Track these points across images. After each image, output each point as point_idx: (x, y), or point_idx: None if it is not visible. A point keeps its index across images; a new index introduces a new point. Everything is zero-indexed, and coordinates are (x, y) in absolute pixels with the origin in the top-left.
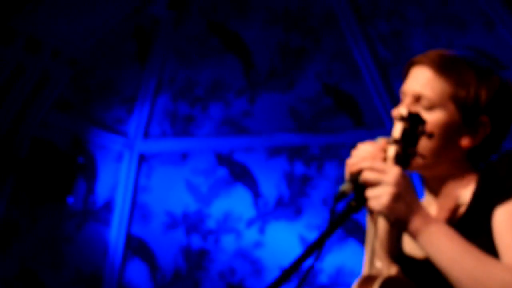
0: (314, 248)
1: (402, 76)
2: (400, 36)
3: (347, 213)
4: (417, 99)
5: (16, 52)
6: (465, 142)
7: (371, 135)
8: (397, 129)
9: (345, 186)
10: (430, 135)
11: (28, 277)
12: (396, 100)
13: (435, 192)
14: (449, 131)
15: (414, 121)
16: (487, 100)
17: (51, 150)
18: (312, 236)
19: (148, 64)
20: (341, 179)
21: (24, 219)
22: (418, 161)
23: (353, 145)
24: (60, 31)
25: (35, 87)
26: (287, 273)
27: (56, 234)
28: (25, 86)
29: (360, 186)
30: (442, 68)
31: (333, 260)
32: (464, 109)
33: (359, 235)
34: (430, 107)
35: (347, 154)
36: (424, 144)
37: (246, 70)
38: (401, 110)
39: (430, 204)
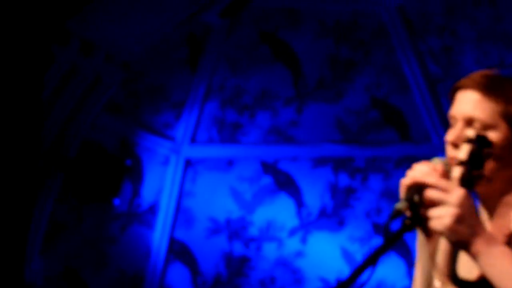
0: (368, 265)
1: (449, 100)
2: (451, 52)
3: (401, 231)
4: (469, 122)
5: (71, 54)
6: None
7: (417, 150)
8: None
9: (401, 205)
10: (496, 157)
11: (71, 276)
12: (443, 116)
13: (490, 210)
14: (505, 150)
15: (481, 143)
16: None
17: (100, 151)
18: (353, 248)
19: (199, 70)
20: (385, 193)
21: (70, 218)
22: (482, 183)
23: (399, 159)
24: (114, 35)
25: (87, 89)
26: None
27: (101, 235)
28: (78, 88)
29: (415, 205)
30: (488, 88)
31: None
32: None
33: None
34: (484, 129)
35: (392, 168)
36: (489, 167)
37: (295, 79)
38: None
39: (484, 222)
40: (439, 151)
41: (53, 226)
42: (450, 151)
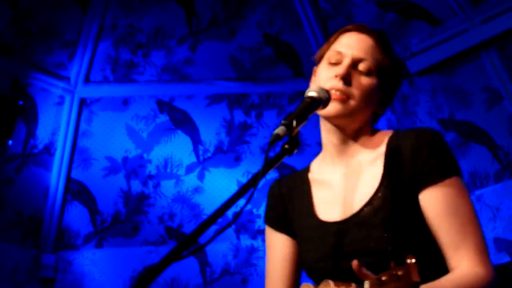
0: (250, 186)
1: (333, 38)
2: None
3: (280, 155)
4: (358, 61)
5: None
6: (379, 101)
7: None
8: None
9: (279, 130)
10: (361, 99)
11: None
12: None
13: (341, 151)
14: (376, 93)
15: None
16: (395, 70)
17: None
18: None
19: (90, 9)
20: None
21: None
22: (351, 102)
23: (292, 95)
24: None
25: None
26: (221, 210)
27: None
28: None
29: (292, 129)
30: (382, 42)
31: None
32: (384, 77)
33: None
34: (369, 72)
35: (286, 103)
36: (354, 104)
37: (188, 17)
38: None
39: (332, 161)
40: None
41: None
42: (335, 82)
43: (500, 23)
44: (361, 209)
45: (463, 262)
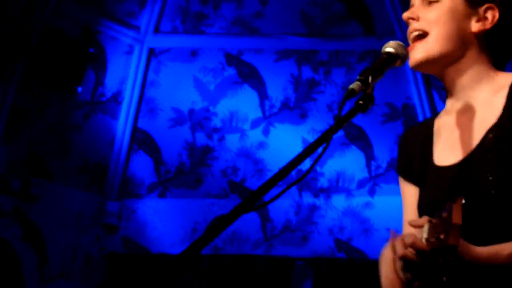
0: (322, 141)
1: None
2: None
3: (355, 110)
4: (426, 1)
5: None
6: (476, 26)
7: (381, 45)
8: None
9: (354, 85)
10: (443, 24)
11: (35, 162)
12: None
13: (456, 93)
14: (456, 14)
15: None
16: None
17: (62, 38)
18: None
19: None
20: (347, 87)
21: (33, 105)
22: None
23: (362, 53)
24: None
25: None
26: (289, 167)
27: (64, 122)
28: None
29: (368, 85)
30: None
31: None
32: None
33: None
34: (437, 0)
35: (356, 62)
36: (430, 28)
37: None
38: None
39: (452, 107)
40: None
41: (15, 113)
42: (408, 30)
43: None
44: (472, 152)
45: None
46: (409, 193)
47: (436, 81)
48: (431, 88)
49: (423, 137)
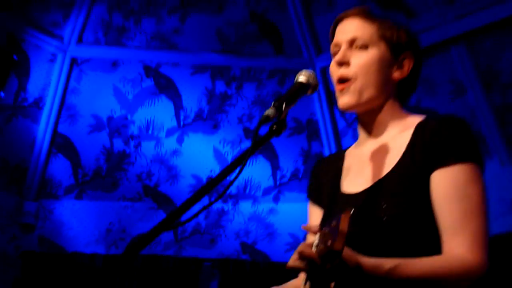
0: (238, 164)
1: (330, 36)
2: None
3: (269, 135)
4: (351, 42)
5: None
6: (396, 74)
7: (289, 63)
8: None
9: (270, 111)
10: (375, 71)
11: None
12: (314, 34)
13: (371, 130)
14: (382, 64)
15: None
16: (407, 39)
17: None
18: (225, 149)
19: None
20: (257, 101)
21: None
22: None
23: (272, 71)
24: None
25: None
26: (211, 185)
27: None
28: None
29: (281, 112)
30: (368, 16)
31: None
32: (392, 46)
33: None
34: (365, 46)
35: (266, 78)
36: (360, 74)
37: None
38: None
39: (364, 142)
40: (308, 65)
41: None
42: (335, 70)
43: (471, 20)
44: (376, 182)
45: (455, 248)
46: (315, 214)
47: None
48: (333, 106)
49: (333, 167)
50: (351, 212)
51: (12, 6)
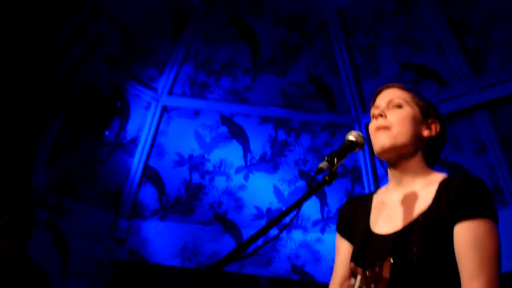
0: (295, 207)
1: (371, 103)
2: (373, 48)
3: (321, 184)
4: (389, 103)
5: (82, 16)
6: (426, 132)
7: (339, 119)
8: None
9: (323, 164)
10: (406, 124)
11: (67, 185)
12: (362, 96)
13: (400, 179)
14: (414, 120)
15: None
16: (433, 111)
17: (97, 93)
18: (283, 187)
19: (180, 39)
20: (311, 148)
21: (70, 142)
22: (392, 134)
23: (325, 124)
24: (117, 3)
25: (92, 44)
26: (270, 225)
27: (93, 157)
28: (85, 42)
29: (333, 165)
30: (403, 88)
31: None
32: (422, 110)
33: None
34: (400, 106)
35: (319, 130)
36: (396, 124)
37: (253, 55)
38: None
39: (394, 188)
40: (355, 121)
41: (55, 147)
42: (374, 123)
43: (495, 91)
44: (405, 227)
45: None
46: (343, 247)
47: None
48: (373, 156)
49: (362, 207)
50: (392, 261)
51: (118, 63)
